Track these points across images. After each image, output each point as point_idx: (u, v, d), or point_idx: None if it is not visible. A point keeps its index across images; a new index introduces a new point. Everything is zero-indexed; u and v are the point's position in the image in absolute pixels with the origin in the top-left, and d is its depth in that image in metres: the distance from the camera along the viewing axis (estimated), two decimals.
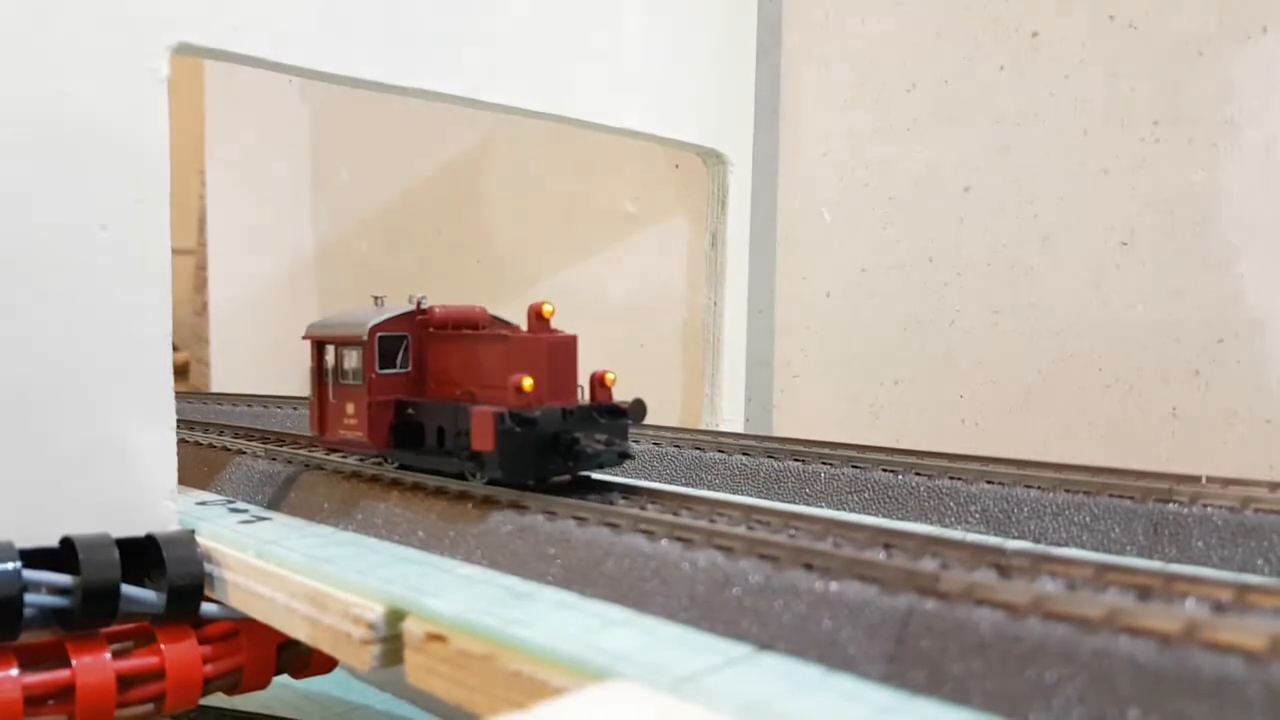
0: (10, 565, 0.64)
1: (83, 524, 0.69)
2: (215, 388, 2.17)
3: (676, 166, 1.36)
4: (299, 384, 2.01)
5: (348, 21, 0.84)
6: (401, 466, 0.81)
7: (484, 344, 0.78)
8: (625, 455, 0.73)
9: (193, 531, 0.73)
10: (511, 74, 0.97)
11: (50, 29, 0.68)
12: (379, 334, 0.80)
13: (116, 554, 0.67)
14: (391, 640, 0.57)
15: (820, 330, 1.25)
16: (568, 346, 0.75)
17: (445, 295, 0.82)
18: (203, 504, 0.87)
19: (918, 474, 0.80)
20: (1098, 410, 1.02)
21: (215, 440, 1.03)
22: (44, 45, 0.68)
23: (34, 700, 0.65)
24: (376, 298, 0.85)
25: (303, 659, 0.79)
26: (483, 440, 0.68)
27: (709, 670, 0.47)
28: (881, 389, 1.19)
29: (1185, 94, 0.96)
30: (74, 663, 0.66)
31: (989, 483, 0.76)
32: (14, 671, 0.64)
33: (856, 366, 1.22)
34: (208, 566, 0.72)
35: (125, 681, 0.68)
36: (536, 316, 0.75)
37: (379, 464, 0.83)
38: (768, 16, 1.25)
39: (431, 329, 0.82)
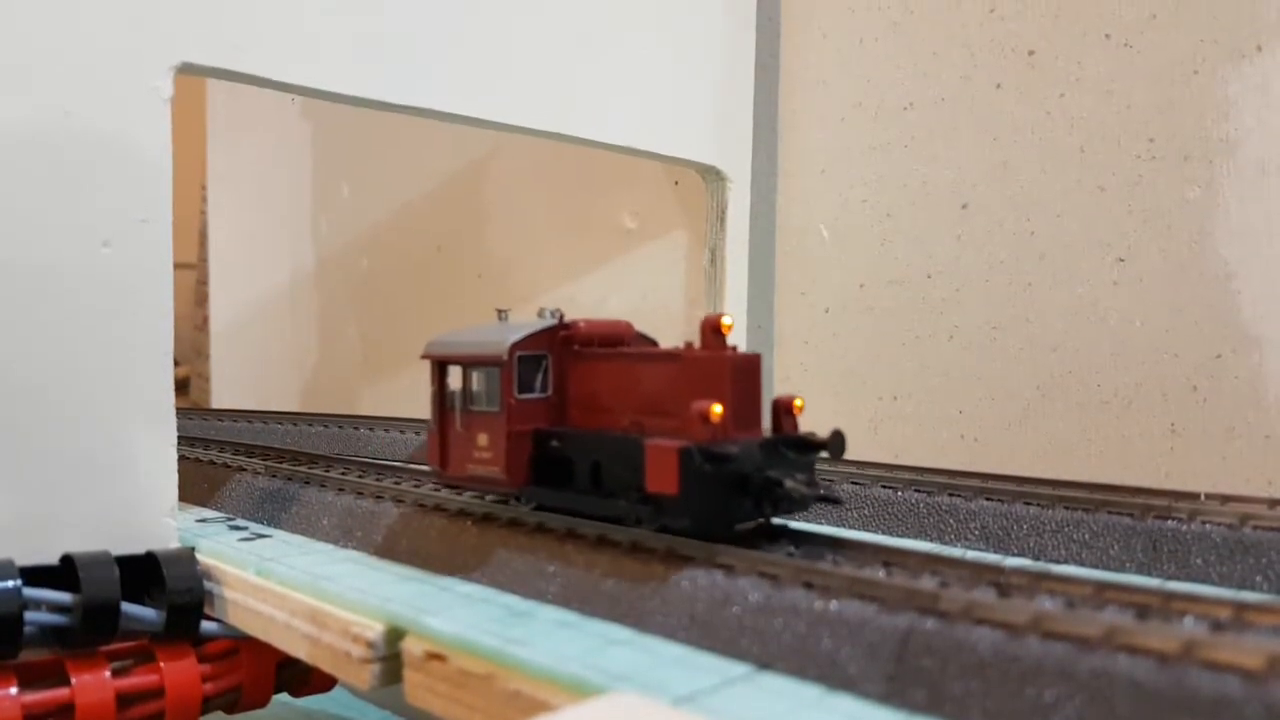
0: (10, 583, 0.64)
1: (83, 541, 0.69)
2: (215, 403, 2.18)
3: (676, 183, 1.37)
4: (299, 399, 2.02)
5: (349, 41, 0.85)
6: (539, 507, 0.69)
7: (650, 364, 0.66)
8: (830, 499, 0.62)
9: (193, 549, 0.74)
10: (512, 92, 0.97)
11: (55, 49, 0.69)
12: (519, 353, 0.69)
13: (116, 572, 0.68)
14: (391, 659, 0.57)
15: (819, 346, 1.26)
16: (752, 367, 0.62)
17: (446, 311, 0.81)
18: (203, 521, 0.87)
19: (917, 490, 0.80)
20: (1096, 426, 1.02)
21: (216, 457, 1.04)
22: (49, 65, 0.69)
23: (33, 719, 0.65)
24: (500, 311, 0.75)
25: (302, 677, 0.79)
26: (663, 481, 0.57)
27: (709, 690, 0.47)
28: (880, 405, 1.20)
29: (1181, 112, 0.97)
30: (73, 681, 0.66)
31: (988, 499, 0.76)
32: (13, 690, 0.64)
33: (855, 382, 1.22)
34: (207, 584, 0.72)
35: (124, 700, 0.68)
36: (713, 331, 0.62)
37: (504, 503, 0.72)
38: (766, 34, 1.26)
39: (576, 347, 0.71)
